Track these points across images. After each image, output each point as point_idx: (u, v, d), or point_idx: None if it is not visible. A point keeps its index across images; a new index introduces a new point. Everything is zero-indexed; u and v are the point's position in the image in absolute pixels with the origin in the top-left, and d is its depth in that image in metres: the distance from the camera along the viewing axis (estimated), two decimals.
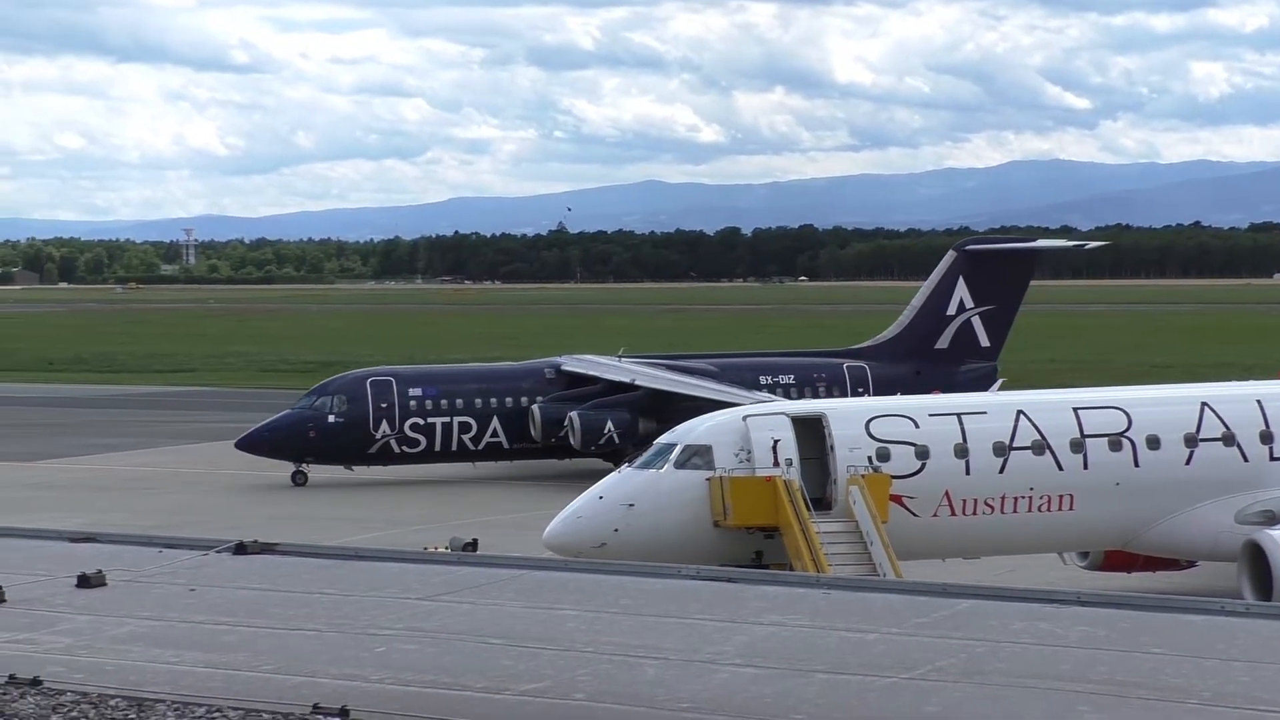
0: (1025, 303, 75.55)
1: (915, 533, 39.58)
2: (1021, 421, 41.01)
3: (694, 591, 20.51)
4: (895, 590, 21.65)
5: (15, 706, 15.68)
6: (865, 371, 72.32)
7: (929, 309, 73.74)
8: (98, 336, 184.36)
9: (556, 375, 69.96)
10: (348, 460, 67.32)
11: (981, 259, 73.90)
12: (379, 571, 22.05)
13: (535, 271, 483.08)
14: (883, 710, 15.28)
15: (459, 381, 69.73)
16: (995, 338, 73.82)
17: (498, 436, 68.02)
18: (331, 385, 69.31)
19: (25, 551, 23.72)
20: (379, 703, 15.57)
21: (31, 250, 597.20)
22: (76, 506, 60.67)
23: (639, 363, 72.22)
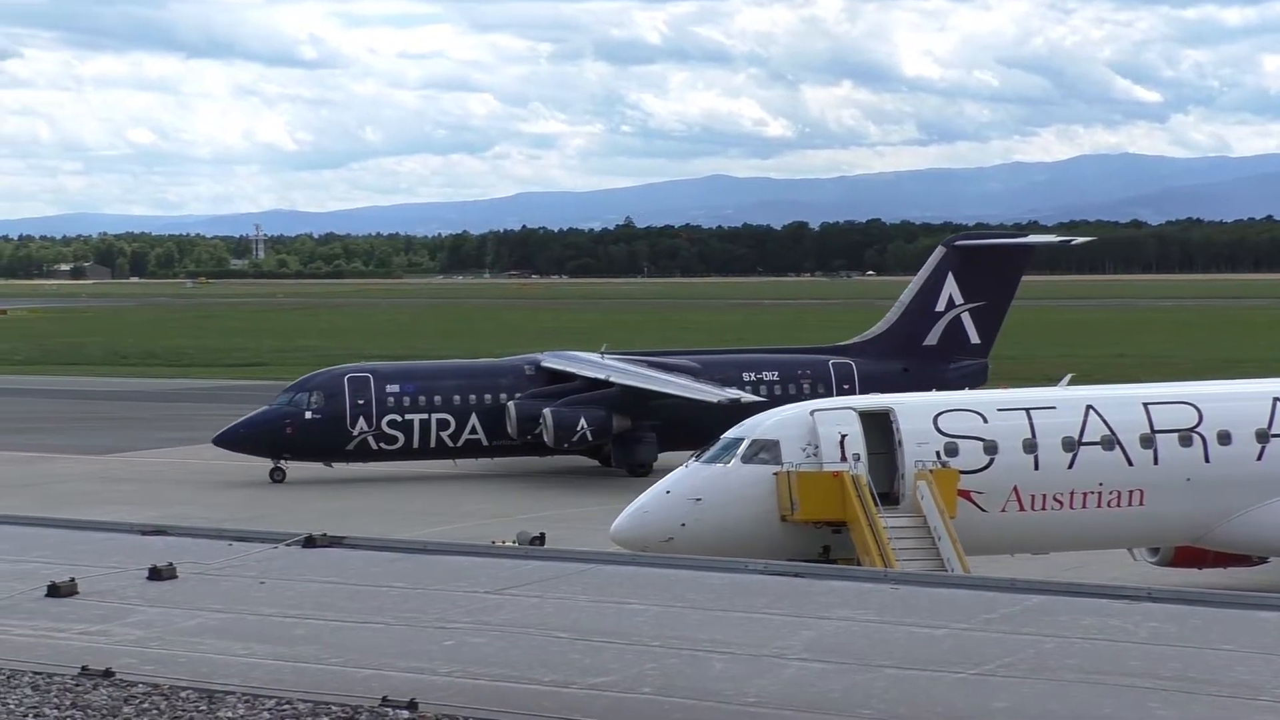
0: (1096, 298, 75.21)
1: (983, 528, 39.44)
2: (1091, 416, 40.79)
3: (761, 586, 20.48)
4: (963, 585, 21.54)
5: (88, 698, 15.81)
6: (851, 369, 71.43)
7: (917, 305, 72.79)
8: (168, 331, 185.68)
9: (536, 372, 69.25)
10: (325, 457, 66.90)
11: (971, 254, 73.01)
12: (447, 565, 22.11)
13: (602, 266, 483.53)
14: (951, 706, 15.21)
15: (438, 378, 69.12)
16: (986, 334, 72.77)
17: (476, 433, 67.37)
18: (310, 382, 68.79)
19: (97, 544, 23.91)
20: (447, 696, 15.62)
21: (103, 245, 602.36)
22: (147, 499, 61.15)
23: (621, 359, 71.45)
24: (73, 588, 20.31)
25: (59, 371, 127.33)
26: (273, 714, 15.22)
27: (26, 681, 16.35)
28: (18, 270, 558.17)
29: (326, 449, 66.78)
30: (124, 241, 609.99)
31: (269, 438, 66.45)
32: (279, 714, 15.22)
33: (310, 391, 67.58)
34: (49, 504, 58.07)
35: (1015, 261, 74.87)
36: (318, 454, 66.86)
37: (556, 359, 71.10)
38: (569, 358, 71.74)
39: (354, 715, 15.12)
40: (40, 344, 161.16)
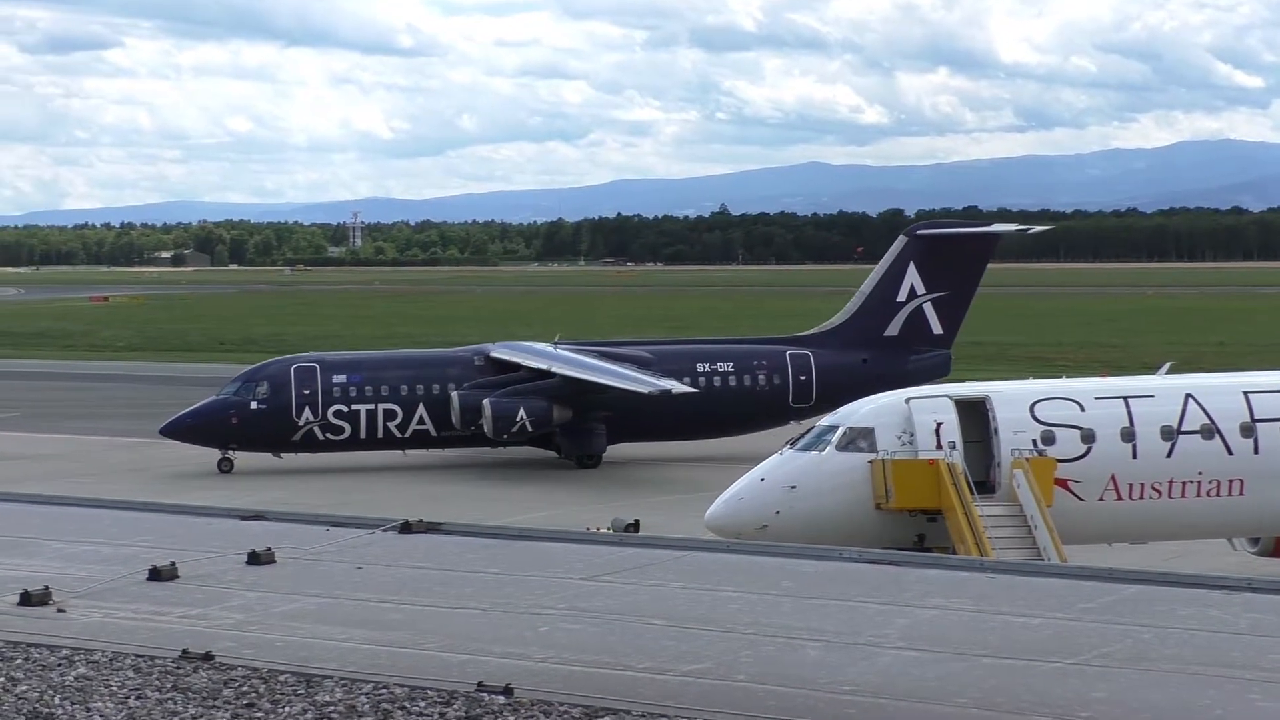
0: (1196, 285, 73.91)
1: (1080, 517, 39.15)
2: (1190, 405, 40.39)
3: (856, 574, 20.43)
4: (1060, 575, 21.41)
5: (188, 680, 15.98)
6: (809, 359, 70.55)
7: (878, 295, 71.75)
8: (267, 317, 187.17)
9: (485, 363, 68.45)
10: (271, 447, 66.39)
11: (933, 243, 71.82)
12: (542, 551, 22.19)
13: (697, 253, 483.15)
14: (1048, 696, 15.13)
15: (385, 369, 68.49)
16: (949, 325, 71.81)
17: (424, 424, 66.66)
18: (258, 373, 68.22)
19: (197, 529, 24.16)
20: (542, 681, 15.68)
21: (203, 232, 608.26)
22: (246, 485, 61.72)
23: (573, 349, 70.46)
24: (174, 571, 20.54)
25: (160, 358, 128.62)
26: (369, 698, 15.34)
27: (129, 664, 16.56)
28: (119, 257, 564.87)
29: (272, 439, 66.22)
30: (223, 229, 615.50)
31: (214, 428, 65.92)
32: (375, 698, 15.33)
33: (257, 382, 67.00)
34: (152, 489, 58.75)
35: (978, 251, 73.40)
36: (263, 444, 66.25)
37: (505, 349, 70.08)
38: (517, 348, 70.73)
39: (449, 700, 15.21)
40: (142, 330, 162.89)
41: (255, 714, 14.95)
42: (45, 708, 15.20)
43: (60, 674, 16.28)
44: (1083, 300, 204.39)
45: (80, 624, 18.30)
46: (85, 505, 26.89)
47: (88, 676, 16.17)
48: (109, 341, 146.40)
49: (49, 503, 26.99)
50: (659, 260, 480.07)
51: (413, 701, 15.21)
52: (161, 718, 14.86)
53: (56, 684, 15.94)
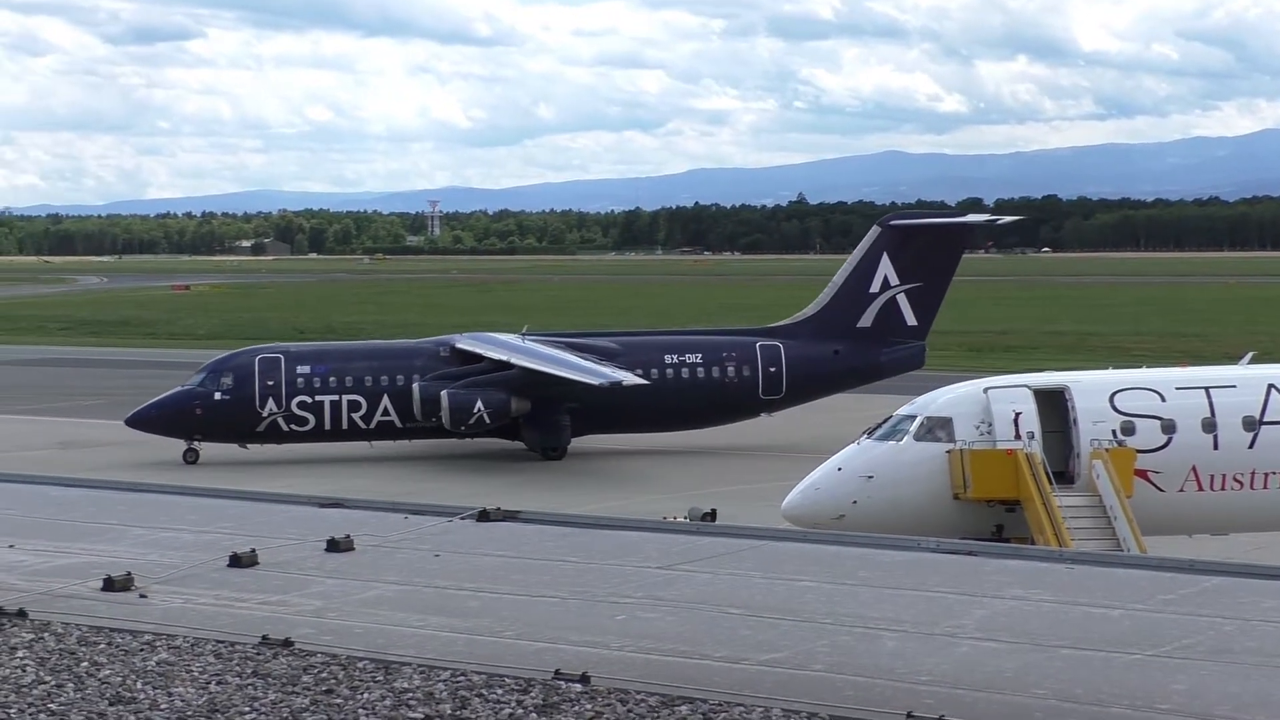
0: (1278, 275, 72.95)
1: (1160, 508, 38.91)
2: (1273, 395, 40.05)
3: (934, 564, 20.36)
4: (1140, 566, 21.24)
5: (268, 667, 16.10)
6: (779, 351, 69.90)
7: (851, 286, 71.09)
8: (346, 306, 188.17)
9: (451, 354, 68.07)
10: (236, 438, 66.31)
11: (907, 234, 71.20)
12: (619, 540, 22.21)
13: (775, 243, 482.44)
14: (1128, 688, 15.03)
15: (350, 360, 68.26)
16: (923, 316, 71.13)
17: (389, 415, 66.40)
18: (223, 363, 68.18)
19: (277, 515, 24.31)
20: (619, 670, 15.70)
21: (283, 221, 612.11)
22: (325, 473, 62.14)
23: (540, 340, 70.07)
24: (253, 558, 20.68)
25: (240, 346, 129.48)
26: (447, 685, 15.40)
27: (209, 650, 16.69)
28: (200, 246, 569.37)
29: (237, 430, 66.25)
30: (303, 218, 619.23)
31: (179, 419, 66.02)
32: (454, 685, 15.40)
33: (221, 373, 66.98)
34: (233, 476, 59.23)
35: (953, 241, 72.83)
36: (228, 435, 66.23)
37: (469, 340, 69.74)
38: (480, 339, 70.47)
39: (526, 688, 15.25)
40: (222, 319, 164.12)
41: (334, 700, 15.05)
42: (128, 692, 15.34)
43: (142, 659, 16.43)
44: (1163, 290, 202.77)
45: (162, 609, 18.46)
46: (167, 492, 27.11)
47: (169, 662, 16.31)
48: (190, 330, 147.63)
49: (132, 489, 27.23)
50: (736, 250, 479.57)
51: (490, 689, 15.26)
52: (242, 703, 14.97)
53: (139, 669, 16.09)
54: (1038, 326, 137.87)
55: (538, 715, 14.59)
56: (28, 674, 15.96)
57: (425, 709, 14.79)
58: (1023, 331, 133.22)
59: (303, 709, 14.80)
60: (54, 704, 15.04)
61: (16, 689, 15.50)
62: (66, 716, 14.69)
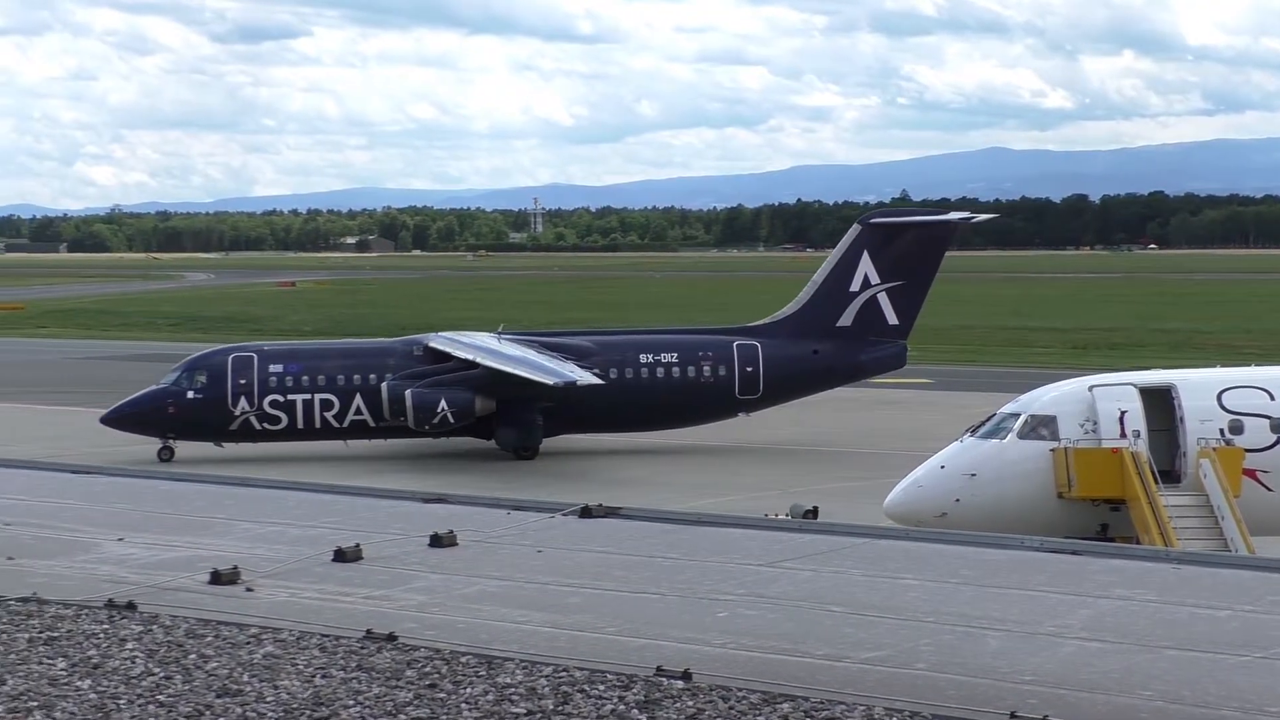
0: None
1: (1269, 508, 38.42)
2: None
3: (1037, 563, 20.23)
4: (1249, 566, 21.02)
5: (372, 660, 16.22)
6: (756, 350, 68.75)
7: (830, 285, 69.93)
8: (449, 302, 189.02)
9: (424, 353, 67.26)
10: (209, 437, 65.77)
11: (887, 232, 70.04)
12: (721, 537, 22.22)
13: None
14: (1235, 690, 14.87)
15: (323, 359, 67.72)
16: (905, 315, 69.84)
17: (362, 414, 65.76)
18: (196, 362, 67.65)
19: (382, 511, 24.49)
20: (721, 667, 15.70)
21: (387, 218, 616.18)
22: (428, 469, 62.47)
23: (514, 340, 69.37)
24: (358, 553, 20.84)
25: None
26: (550, 681, 15.46)
27: (314, 643, 16.84)
28: (306, 243, 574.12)
29: (209, 429, 65.82)
30: (406, 215, 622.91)
31: (152, 417, 65.73)
32: (556, 681, 15.45)
33: (194, 371, 66.68)
34: (338, 471, 59.65)
35: (934, 239, 71.47)
36: (202, 434, 65.79)
37: (441, 340, 68.94)
38: (452, 339, 69.63)
39: (628, 684, 15.28)
40: (327, 315, 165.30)
41: (437, 695, 15.13)
42: (234, 684, 15.51)
43: (249, 652, 16.60)
44: (1273, 287, 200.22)
45: (268, 603, 18.65)
46: (273, 487, 27.39)
47: (275, 655, 16.47)
48: (295, 326, 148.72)
49: (239, 484, 27.52)
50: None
51: (592, 685, 15.31)
52: (346, 696, 15.09)
53: (245, 661, 16.26)
54: (1143, 324, 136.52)
55: (639, 712, 14.62)
56: (137, 665, 16.17)
57: (527, 704, 14.85)
58: (1128, 329, 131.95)
59: (406, 703, 14.90)
60: (162, 695, 15.22)
61: (126, 680, 15.70)
62: (174, 708, 14.86)
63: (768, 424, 73.47)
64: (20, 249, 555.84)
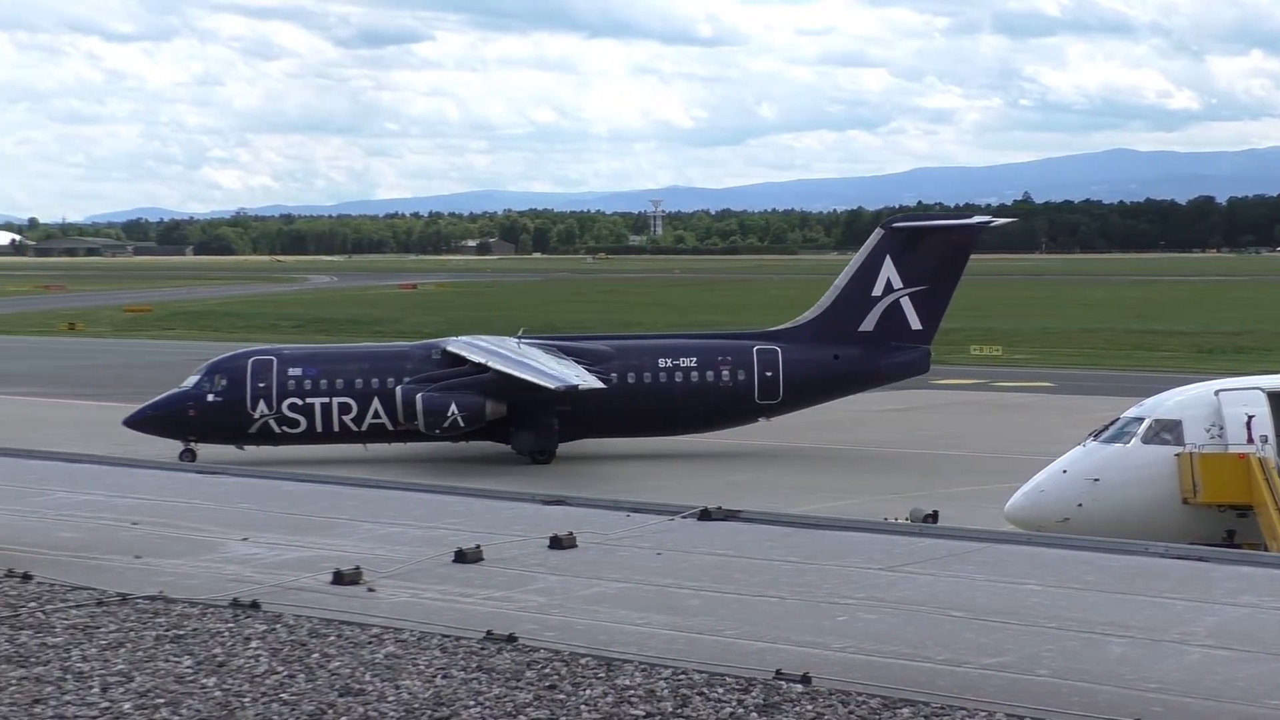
0: None
1: None
2: None
3: (1162, 569, 19.99)
4: None
5: (492, 661, 16.29)
6: (776, 355, 68.26)
7: (853, 289, 69.33)
8: (569, 304, 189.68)
9: (442, 357, 67.14)
10: (229, 439, 65.84)
11: (910, 237, 69.40)
12: (841, 540, 22.14)
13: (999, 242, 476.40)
14: None
15: (341, 362, 67.65)
16: (928, 320, 69.18)
17: (380, 418, 65.70)
18: (217, 365, 67.69)
19: (502, 513, 24.61)
20: (840, 671, 15.64)
21: (508, 221, 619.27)
22: (548, 471, 62.73)
23: (534, 343, 68.98)
24: (478, 554, 20.95)
25: None
26: (669, 683, 15.46)
27: (435, 644, 16.94)
28: (427, 246, 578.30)
29: (229, 431, 65.97)
30: (527, 218, 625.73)
31: (173, 420, 65.91)
32: (674, 683, 15.45)
33: (215, 374, 66.79)
34: (457, 473, 60.05)
35: (958, 243, 70.82)
36: (221, 436, 65.93)
37: (458, 344, 68.72)
38: (468, 342, 69.35)
39: (747, 687, 15.26)
40: (447, 317, 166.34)
41: (557, 696, 15.18)
42: (356, 684, 15.63)
43: (370, 652, 16.73)
44: None
45: (389, 603, 18.78)
46: (395, 488, 27.59)
47: (396, 655, 16.59)
48: (416, 328, 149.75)
49: (361, 485, 27.75)
50: None
51: (711, 687, 15.30)
52: (466, 697, 15.17)
53: (367, 661, 16.38)
54: (1271, 327, 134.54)
55: (758, 715, 14.59)
56: (261, 664, 16.35)
57: (646, 706, 14.86)
58: (1255, 332, 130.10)
59: (525, 704, 14.96)
60: (285, 694, 15.38)
61: (250, 679, 15.87)
62: (298, 706, 15.01)
63: (885, 427, 73.27)
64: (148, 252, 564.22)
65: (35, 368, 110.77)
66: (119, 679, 15.89)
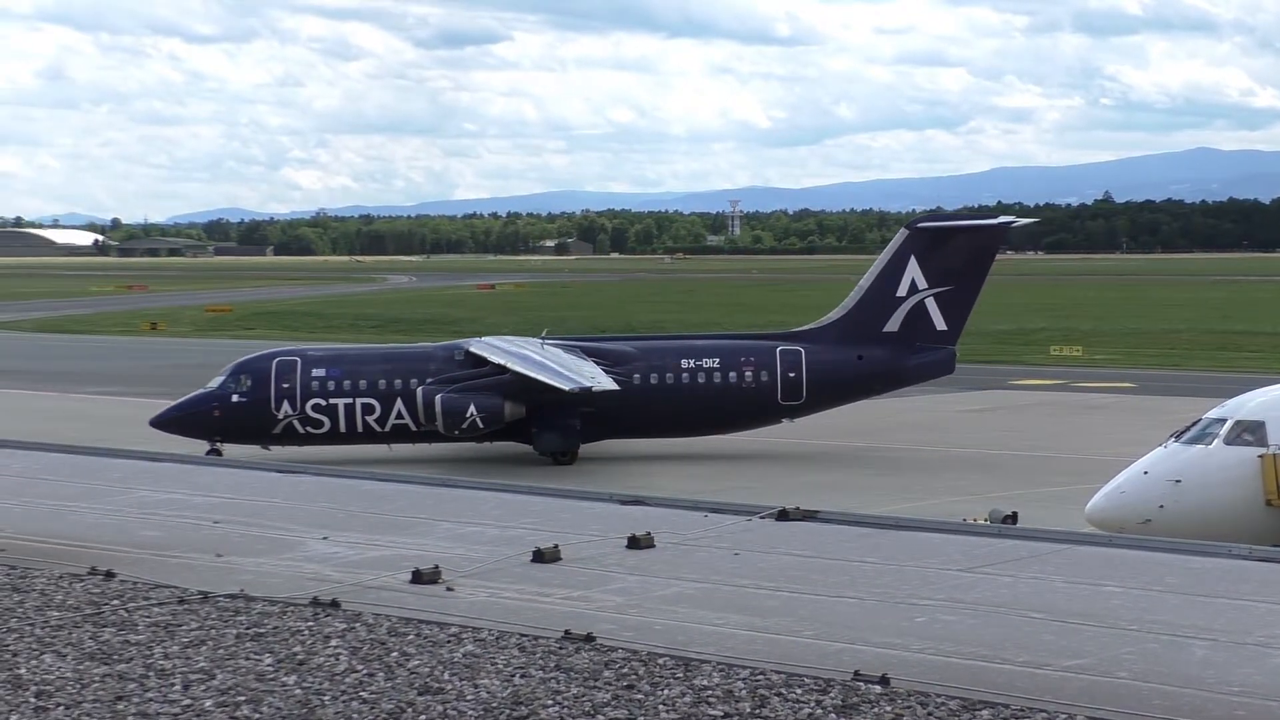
0: None
1: None
2: None
3: (1245, 572, 19.81)
4: None
5: (571, 661, 16.33)
6: (800, 355, 67.69)
7: (877, 290, 68.66)
8: (647, 305, 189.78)
9: (465, 358, 66.75)
10: (254, 439, 65.41)
11: (935, 237, 68.62)
12: (919, 541, 22.06)
13: (1079, 242, 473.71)
14: None
15: (365, 363, 67.49)
16: (953, 320, 68.31)
17: (403, 419, 65.41)
18: (242, 365, 67.58)
19: (579, 512, 24.66)
20: (919, 673, 15.59)
21: (585, 221, 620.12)
22: (625, 471, 62.71)
23: (557, 345, 68.54)
24: (556, 554, 21.00)
25: None
26: (746, 684, 15.45)
27: (514, 643, 16.99)
28: (505, 246, 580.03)
29: (253, 432, 65.71)
30: (605, 218, 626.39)
31: (199, 420, 65.79)
32: (752, 684, 15.44)
33: (239, 375, 66.75)
34: (534, 473, 60.17)
35: (984, 244, 70.09)
36: (246, 437, 65.60)
37: (481, 345, 68.38)
38: (490, 343, 69.00)
39: (826, 688, 15.23)
40: (525, 317, 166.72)
41: (635, 695, 15.19)
42: (435, 682, 15.70)
43: (449, 651, 16.79)
44: None
45: (468, 603, 18.85)
46: (473, 488, 27.68)
47: (475, 654, 16.65)
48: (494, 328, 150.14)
49: (439, 485, 27.86)
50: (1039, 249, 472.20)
51: (789, 688, 15.28)
52: (545, 696, 15.21)
53: (446, 660, 16.45)
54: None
55: (837, 716, 14.57)
56: (340, 662, 16.44)
57: (724, 706, 14.86)
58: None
59: (604, 703, 14.98)
60: (365, 692, 15.46)
61: (330, 677, 15.97)
62: (377, 705, 15.09)
63: (964, 429, 72.94)
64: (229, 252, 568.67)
65: (118, 367, 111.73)
66: (200, 676, 16.03)
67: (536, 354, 66.65)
